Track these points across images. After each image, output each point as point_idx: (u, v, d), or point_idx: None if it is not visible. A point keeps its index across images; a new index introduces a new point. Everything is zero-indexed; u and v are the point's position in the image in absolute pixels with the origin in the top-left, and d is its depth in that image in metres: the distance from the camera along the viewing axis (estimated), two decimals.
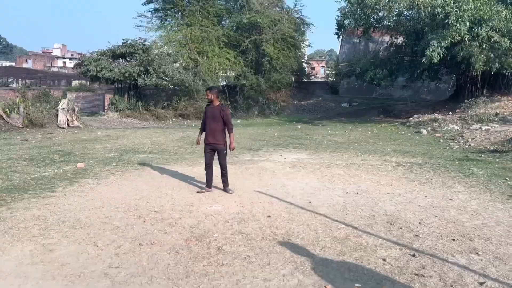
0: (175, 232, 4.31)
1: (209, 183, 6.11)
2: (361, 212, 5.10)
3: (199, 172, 7.70)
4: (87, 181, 6.82)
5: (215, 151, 6.02)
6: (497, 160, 9.23)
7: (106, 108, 23.18)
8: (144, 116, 21.56)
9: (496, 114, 16.80)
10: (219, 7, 27.07)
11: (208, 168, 6.06)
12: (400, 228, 4.48)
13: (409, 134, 15.36)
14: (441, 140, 13.34)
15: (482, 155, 9.99)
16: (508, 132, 12.29)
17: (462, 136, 13.29)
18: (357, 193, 6.05)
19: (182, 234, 4.25)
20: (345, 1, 19.27)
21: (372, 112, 26.71)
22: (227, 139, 6.04)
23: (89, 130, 16.05)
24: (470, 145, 11.87)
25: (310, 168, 8.23)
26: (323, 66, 69.11)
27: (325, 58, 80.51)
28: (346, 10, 18.39)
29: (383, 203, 5.51)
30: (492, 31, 15.90)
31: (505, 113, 17.17)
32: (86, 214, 4.94)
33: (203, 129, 6.19)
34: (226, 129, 5.96)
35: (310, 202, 5.55)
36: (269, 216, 4.86)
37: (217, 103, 5.97)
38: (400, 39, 24.86)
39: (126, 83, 21.80)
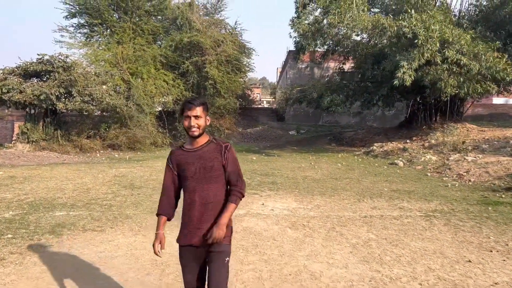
0: None
1: None
2: None
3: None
4: None
5: (205, 258, 2.59)
6: None
7: (14, 138, 18.83)
8: (65, 148, 17.62)
9: (463, 142, 15.79)
10: (154, 24, 24.13)
11: None
12: None
13: (385, 167, 13.52)
14: (429, 174, 11.59)
15: (503, 195, 8.20)
16: (504, 163, 10.84)
17: (449, 169, 11.65)
18: None
19: None
20: (300, 21, 17.54)
21: (323, 140, 25.14)
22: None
23: None
24: (469, 180, 10.17)
25: (320, 228, 5.65)
26: (258, 93, 68.55)
27: (259, 85, 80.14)
28: (306, 30, 16.57)
29: None
30: (459, 54, 14.94)
31: (467, 141, 16.24)
32: None
33: (170, 208, 2.70)
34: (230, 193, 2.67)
35: None
36: None
37: (205, 138, 2.67)
38: (348, 65, 23.87)
39: (42, 108, 17.77)
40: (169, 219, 2.70)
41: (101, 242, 4.94)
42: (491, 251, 4.67)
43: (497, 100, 35.47)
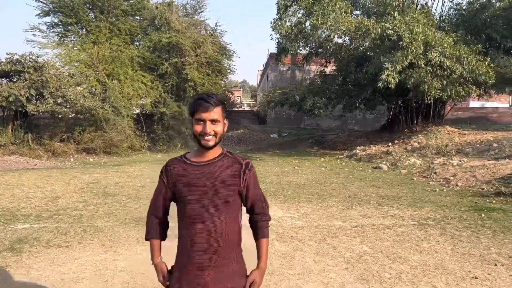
0: None
1: None
2: None
3: (128, 267, 4.21)
4: None
5: None
6: None
7: None
8: (36, 152, 16.69)
9: (446, 146, 15.70)
10: (132, 24, 23.37)
11: None
12: None
13: (369, 171, 13.25)
14: (414, 178, 11.35)
15: (494, 201, 7.97)
16: (491, 167, 10.69)
17: (435, 173, 11.44)
18: None
19: None
20: (282, 22, 17.22)
21: (304, 143, 24.87)
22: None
23: None
24: (457, 184, 9.95)
25: (309, 240, 5.22)
26: (239, 96, 68.26)
27: (240, 88, 79.88)
28: (288, 32, 16.23)
29: None
30: (442, 56, 14.87)
31: (450, 144, 16.19)
32: None
33: (162, 228, 2.05)
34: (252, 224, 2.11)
35: None
36: None
37: (218, 150, 1.96)
38: (330, 67, 23.68)
39: (11, 110, 16.82)
40: (162, 239, 2.07)
41: (66, 261, 4.37)
42: (496, 265, 4.33)
43: (474, 104, 36.15)
